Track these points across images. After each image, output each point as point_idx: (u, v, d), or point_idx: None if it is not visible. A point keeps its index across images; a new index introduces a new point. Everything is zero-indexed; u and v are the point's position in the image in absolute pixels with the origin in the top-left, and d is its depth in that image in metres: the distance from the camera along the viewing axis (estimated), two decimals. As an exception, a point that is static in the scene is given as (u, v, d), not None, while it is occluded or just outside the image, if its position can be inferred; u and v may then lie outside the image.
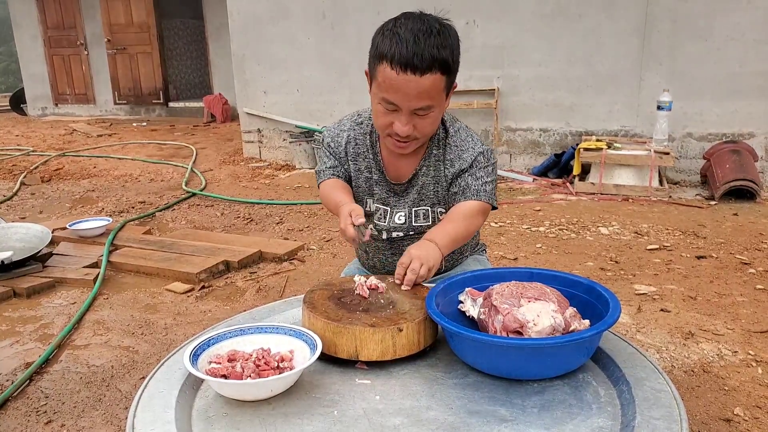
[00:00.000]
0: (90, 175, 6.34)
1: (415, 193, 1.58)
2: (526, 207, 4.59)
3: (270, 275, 3.34)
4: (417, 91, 1.34)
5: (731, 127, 5.10)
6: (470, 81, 5.77)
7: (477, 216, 1.50)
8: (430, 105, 1.38)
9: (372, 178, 1.61)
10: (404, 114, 1.38)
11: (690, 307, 2.81)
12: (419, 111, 1.38)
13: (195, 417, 1.06)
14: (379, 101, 1.40)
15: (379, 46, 1.36)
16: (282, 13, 6.34)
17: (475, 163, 1.51)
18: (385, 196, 1.62)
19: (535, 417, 1.01)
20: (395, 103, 1.37)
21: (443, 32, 1.36)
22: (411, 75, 1.31)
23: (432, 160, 1.56)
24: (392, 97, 1.36)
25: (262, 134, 6.80)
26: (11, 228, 3.62)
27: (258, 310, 1.47)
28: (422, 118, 1.40)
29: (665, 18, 5.08)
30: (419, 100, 1.36)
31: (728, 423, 1.96)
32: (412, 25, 1.33)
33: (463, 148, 1.53)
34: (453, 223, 1.47)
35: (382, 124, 1.44)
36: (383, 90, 1.37)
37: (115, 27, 10.34)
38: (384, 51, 1.34)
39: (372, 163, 1.60)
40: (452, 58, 1.37)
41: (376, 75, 1.38)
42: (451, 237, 1.43)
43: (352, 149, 1.61)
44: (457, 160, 1.53)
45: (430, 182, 1.57)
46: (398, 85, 1.33)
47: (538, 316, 1.12)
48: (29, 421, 2.07)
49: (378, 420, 1.02)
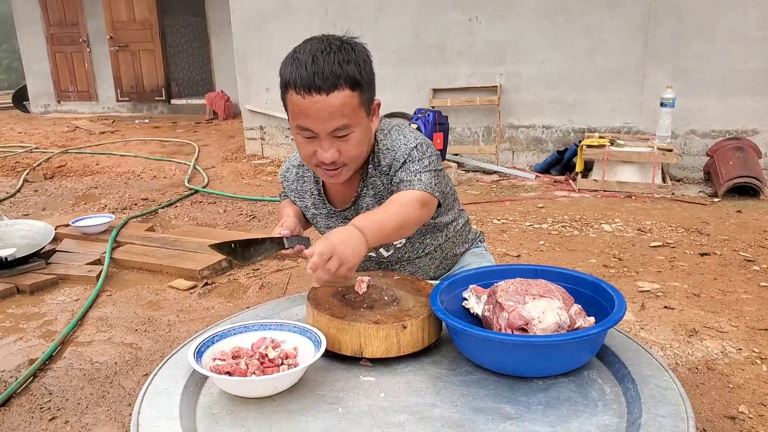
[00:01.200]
0: (93, 172, 6.34)
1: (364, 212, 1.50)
2: (528, 204, 4.58)
3: (273, 272, 3.34)
4: (327, 112, 1.28)
5: (735, 124, 5.08)
6: (473, 78, 5.76)
7: (413, 205, 1.36)
8: (346, 124, 1.31)
9: (320, 213, 1.59)
10: (324, 139, 1.32)
11: (694, 304, 2.81)
12: (337, 132, 1.32)
13: (199, 414, 1.06)
14: (297, 132, 1.35)
15: (283, 75, 1.32)
16: (284, 9, 6.33)
17: (408, 159, 1.41)
18: (337, 224, 1.56)
19: (541, 414, 1.01)
20: (311, 129, 1.31)
21: (345, 48, 1.30)
22: (317, 95, 1.26)
23: (374, 176, 1.48)
24: (306, 123, 1.30)
25: (264, 131, 6.79)
26: (14, 225, 3.62)
27: (261, 307, 1.47)
28: (344, 141, 1.34)
29: (669, 14, 5.07)
30: (332, 119, 1.29)
31: (733, 420, 1.95)
32: (311, 47, 1.30)
33: (395, 148, 1.44)
34: (384, 211, 1.34)
35: (306, 154, 1.38)
36: (295, 118, 1.32)
37: (118, 24, 10.34)
38: (287, 78, 1.30)
39: (317, 198, 1.58)
40: (360, 72, 1.30)
41: (286, 105, 1.34)
42: (380, 225, 1.29)
43: (299, 186, 1.59)
44: (393, 162, 1.43)
45: (372, 201, 1.50)
46: (307, 110, 1.28)
47: (543, 313, 1.11)
48: (33, 417, 2.07)
49: (382, 417, 1.01)
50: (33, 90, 11.47)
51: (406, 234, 1.41)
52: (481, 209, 4.44)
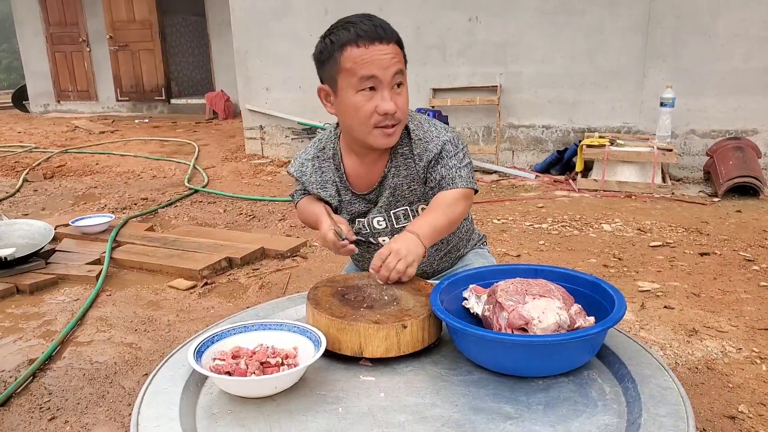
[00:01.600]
0: (92, 171, 6.34)
1: (387, 195, 1.57)
2: (528, 204, 4.58)
3: (273, 272, 3.33)
4: (390, 56, 1.39)
5: (735, 124, 5.08)
6: (473, 78, 5.76)
7: (458, 202, 1.47)
8: (402, 70, 1.42)
9: (343, 200, 1.61)
10: (386, 88, 1.40)
11: (693, 304, 2.81)
12: (396, 79, 1.41)
13: (199, 414, 1.06)
14: (356, 88, 1.40)
15: (337, 39, 1.40)
16: (284, 9, 6.33)
17: (443, 153, 1.49)
18: (360, 209, 1.61)
19: (541, 414, 1.01)
20: (375, 75, 1.38)
21: None
22: (379, 45, 1.37)
23: (400, 160, 1.54)
24: (371, 69, 1.38)
25: (264, 131, 6.79)
26: (14, 224, 3.62)
27: (261, 307, 1.47)
28: (400, 94, 1.43)
29: (669, 14, 5.06)
30: (394, 65, 1.39)
31: (733, 420, 1.95)
32: (357, 16, 1.42)
33: (428, 139, 1.51)
34: (433, 212, 1.44)
35: (365, 113, 1.42)
36: (359, 69, 1.38)
37: (118, 24, 10.34)
38: (343, 40, 1.39)
39: (339, 185, 1.60)
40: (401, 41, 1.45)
41: (341, 67, 1.40)
42: (433, 227, 1.41)
43: (320, 177, 1.61)
44: (424, 152, 1.51)
45: (402, 182, 1.55)
46: (371, 56, 1.37)
47: (543, 313, 1.11)
48: (33, 417, 2.07)
49: (382, 417, 1.01)
50: (33, 90, 11.46)
51: (454, 229, 1.52)
52: (481, 209, 4.44)
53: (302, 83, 6.41)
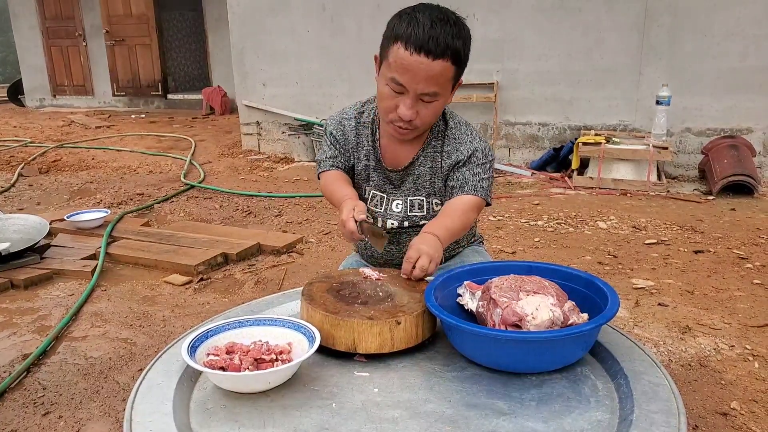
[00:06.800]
0: (88, 166, 6.32)
1: (411, 182, 1.60)
2: (524, 201, 4.59)
3: (268, 268, 3.33)
4: (426, 75, 1.36)
5: (730, 123, 5.09)
6: (470, 75, 5.69)
7: (472, 211, 1.52)
8: (436, 92, 1.39)
9: (370, 166, 1.63)
10: (410, 97, 1.40)
11: (687, 301, 2.82)
12: (425, 96, 1.40)
13: (193, 409, 1.06)
14: (387, 82, 1.41)
15: (396, 28, 1.38)
16: (281, 5, 6.31)
17: (473, 158, 1.53)
18: (382, 183, 1.64)
19: (534, 410, 1.02)
20: (403, 84, 1.38)
21: (458, 23, 1.39)
22: (423, 57, 1.34)
23: (430, 151, 1.57)
24: (401, 77, 1.37)
25: (261, 127, 6.78)
26: (9, 219, 3.61)
27: (256, 303, 1.47)
28: (426, 106, 1.42)
29: (665, 12, 5.07)
30: (427, 84, 1.37)
31: (725, 417, 1.96)
32: (430, 12, 1.37)
33: (462, 141, 1.55)
34: (450, 217, 1.48)
35: (386, 106, 1.44)
36: (393, 70, 1.38)
37: (114, 18, 10.29)
38: (399, 32, 1.36)
39: (371, 150, 1.62)
40: (464, 50, 1.40)
41: (387, 56, 1.40)
42: (450, 231, 1.45)
43: (354, 138, 1.63)
44: (454, 152, 1.54)
45: (426, 172, 1.58)
46: (409, 66, 1.35)
47: (537, 309, 1.12)
48: (26, 412, 2.07)
49: (376, 413, 1.02)
50: (28, 84, 11.41)
51: (465, 233, 1.56)
52: (476, 206, 4.44)
53: (299, 79, 6.40)
